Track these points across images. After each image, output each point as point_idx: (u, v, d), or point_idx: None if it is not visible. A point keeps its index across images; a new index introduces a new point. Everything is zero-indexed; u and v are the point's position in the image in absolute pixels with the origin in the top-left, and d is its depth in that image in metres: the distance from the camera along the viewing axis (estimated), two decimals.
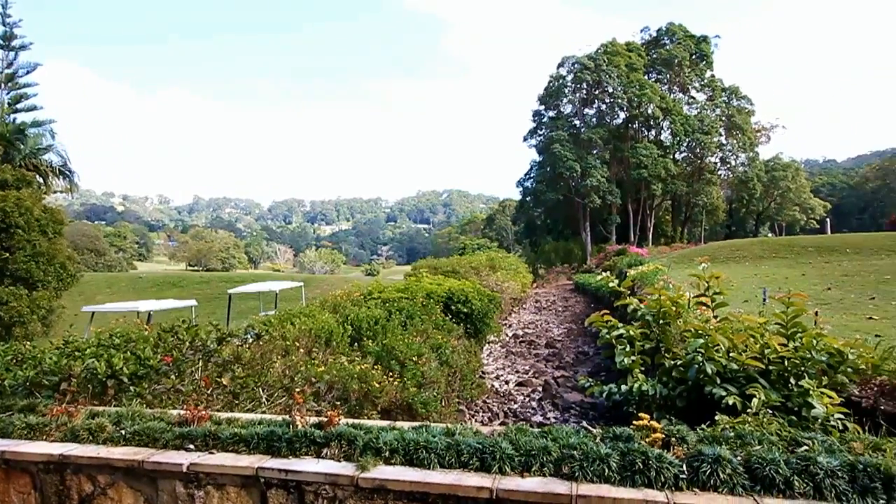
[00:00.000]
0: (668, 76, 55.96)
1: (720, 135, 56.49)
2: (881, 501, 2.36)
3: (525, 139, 56.70)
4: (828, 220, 62.29)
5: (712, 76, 57.65)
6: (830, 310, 9.73)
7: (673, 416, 4.20)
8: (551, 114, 55.22)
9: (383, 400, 6.09)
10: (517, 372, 11.81)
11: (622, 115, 53.99)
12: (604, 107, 53.67)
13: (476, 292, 12.35)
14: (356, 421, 3.49)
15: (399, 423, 3.41)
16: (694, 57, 56.44)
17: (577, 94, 53.62)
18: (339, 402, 5.34)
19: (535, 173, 55.69)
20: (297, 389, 4.79)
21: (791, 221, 71.08)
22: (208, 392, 4.58)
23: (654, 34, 58.02)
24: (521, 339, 15.87)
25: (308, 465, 2.99)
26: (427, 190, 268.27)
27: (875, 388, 4.91)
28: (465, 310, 11.34)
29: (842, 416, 3.92)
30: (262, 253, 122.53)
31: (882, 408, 4.55)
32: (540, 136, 54.86)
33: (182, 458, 3.17)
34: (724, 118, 56.31)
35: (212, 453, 3.22)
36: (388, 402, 6.22)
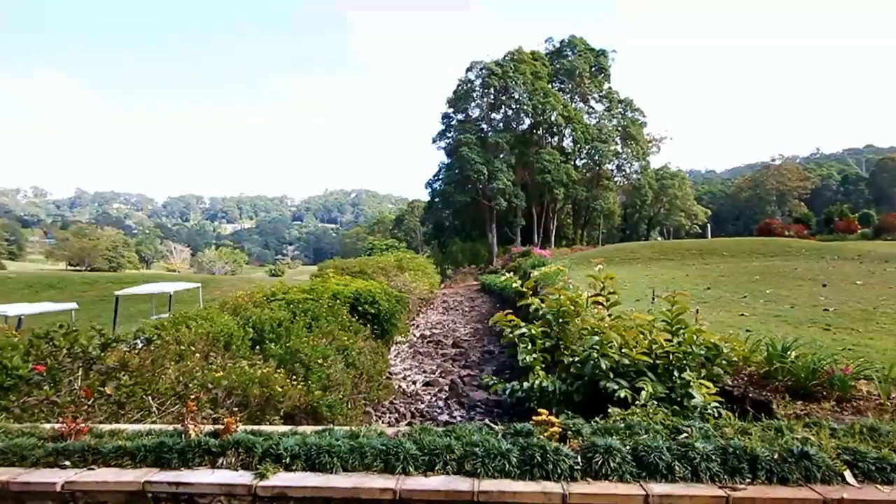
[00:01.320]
0: (570, 86, 58.69)
1: (616, 144, 60.11)
2: (747, 479, 2.61)
3: (434, 141, 57.26)
4: (708, 225, 68.07)
5: (610, 88, 61.21)
6: (709, 307, 10.61)
7: (571, 411, 4.40)
8: (460, 117, 56.16)
9: (286, 404, 5.90)
10: (424, 372, 11.88)
11: (527, 121, 55.92)
12: (510, 112, 55.32)
13: (384, 293, 12.30)
14: (256, 427, 3.36)
15: (301, 428, 3.32)
16: (593, 69, 59.67)
17: (485, 99, 54.90)
18: (238, 409, 5.11)
19: (444, 175, 56.37)
20: (192, 396, 4.53)
21: (678, 226, 76.96)
22: (89, 403, 4.21)
23: (558, 45, 60.71)
24: (428, 339, 15.97)
25: (202, 476, 2.83)
26: (335, 189, 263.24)
27: (745, 378, 5.43)
28: (373, 310, 11.25)
29: (717, 404, 4.29)
30: (156, 252, 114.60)
31: (750, 395, 5.04)
32: (449, 138, 55.61)
33: (56, 477, 2.89)
34: (620, 128, 59.98)
35: (91, 469, 2.97)
36: (292, 407, 6.04)
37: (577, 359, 4.96)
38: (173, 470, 2.90)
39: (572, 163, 56.99)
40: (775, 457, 2.68)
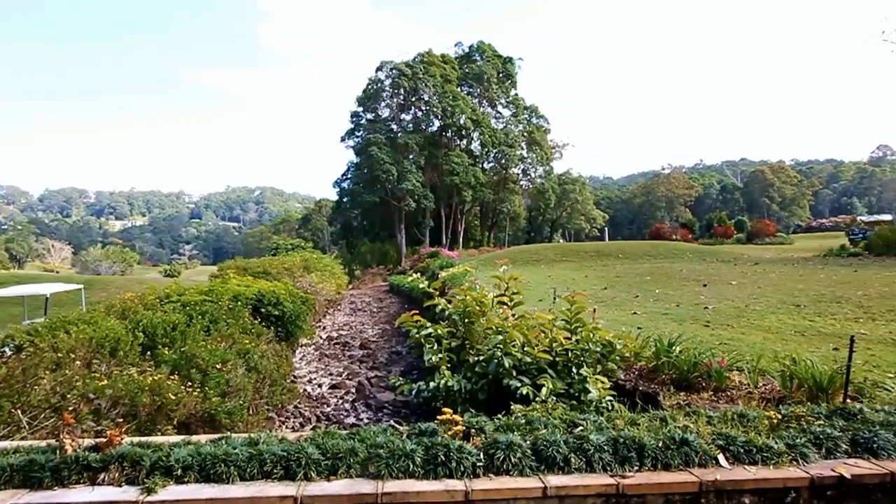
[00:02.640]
0: (478, 90, 59.93)
1: (522, 148, 62.14)
2: (635, 467, 2.79)
3: (343, 139, 56.36)
4: (606, 228, 72.20)
5: (516, 94, 63.18)
6: (606, 307, 11.23)
7: (476, 409, 4.49)
8: (369, 116, 55.68)
9: (181, 413, 5.56)
10: (331, 374, 11.65)
11: (437, 123, 56.45)
12: (420, 114, 55.61)
13: (288, 294, 11.91)
14: (144, 439, 3.13)
15: (196, 437, 3.14)
16: (501, 75, 61.34)
17: (395, 100, 54.82)
18: (125, 420, 4.74)
19: (353, 174, 55.66)
20: (70, 408, 4.15)
21: (578, 229, 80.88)
22: None
23: (467, 50, 61.82)
24: (335, 340, 15.69)
25: (79, 494, 2.60)
26: (238, 186, 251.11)
27: (636, 372, 5.80)
28: (277, 312, 10.88)
29: (611, 398, 4.55)
30: (30, 250, 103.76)
31: (640, 388, 5.39)
32: (358, 137, 54.97)
33: None
34: (525, 134, 62.07)
35: None
36: (187, 415, 5.69)
37: (481, 358, 5.06)
38: (45, 490, 2.64)
39: (480, 166, 58.27)
40: (660, 445, 2.88)
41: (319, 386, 10.66)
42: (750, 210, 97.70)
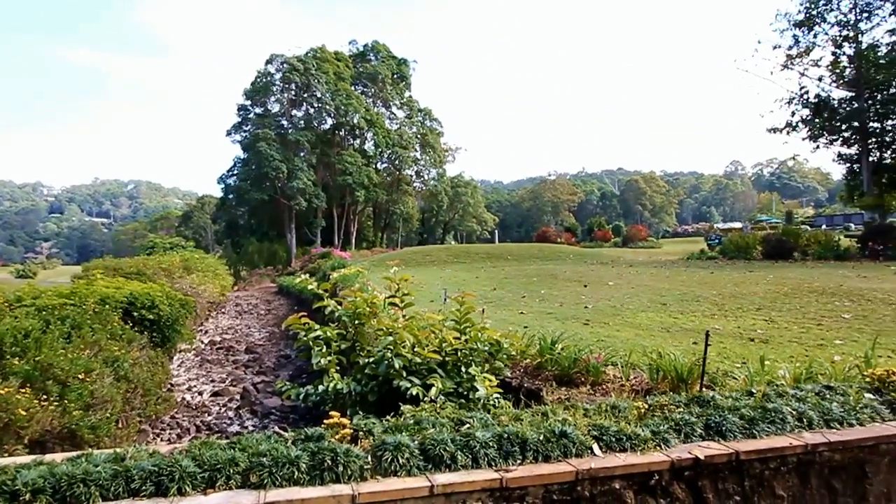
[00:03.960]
0: (372, 90, 59.56)
1: (416, 150, 62.61)
2: (518, 461, 2.91)
3: (229, 133, 53.54)
4: (496, 231, 74.59)
5: (410, 96, 63.54)
6: (495, 307, 11.59)
7: (366, 411, 4.45)
8: (258, 110, 53.39)
9: (33, 430, 4.99)
10: (213, 381, 11.04)
11: (330, 121, 55.34)
12: (312, 110, 54.21)
13: (165, 296, 11.09)
14: None
15: (51, 456, 2.82)
16: (395, 76, 61.38)
17: (286, 95, 53.00)
18: None
19: (240, 170, 53.01)
20: None
21: (470, 231, 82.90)
22: None
23: (361, 49, 61.20)
24: (218, 345, 14.87)
25: None
26: (108, 178, 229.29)
27: (522, 370, 6.05)
28: (152, 316, 10.09)
29: (498, 395, 4.70)
30: None
31: (525, 385, 5.63)
32: (246, 132, 52.49)
33: None
34: (419, 136, 62.59)
35: None
36: (41, 432, 5.12)
37: (372, 360, 5.03)
38: None
39: (374, 166, 57.92)
40: (541, 438, 3.02)
41: (200, 394, 10.05)
42: (626, 216, 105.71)
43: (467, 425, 3.19)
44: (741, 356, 6.33)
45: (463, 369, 4.93)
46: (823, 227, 51.41)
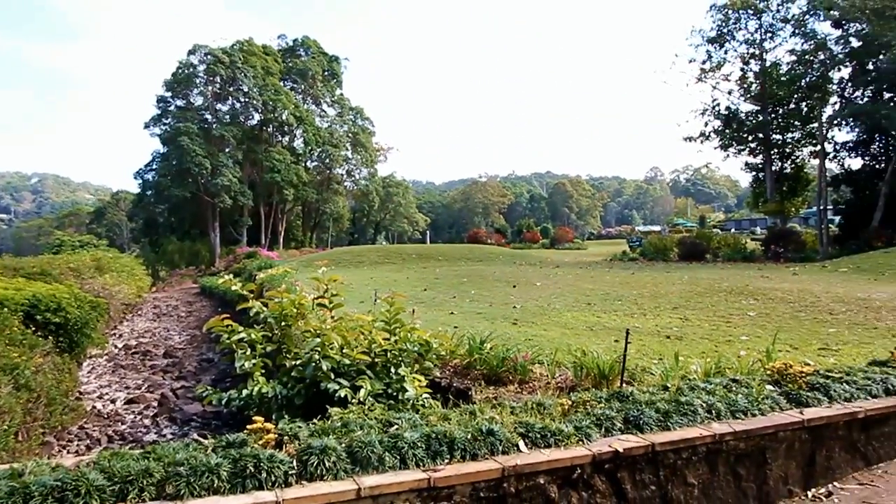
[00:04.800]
0: (302, 87, 58.21)
1: (347, 149, 61.76)
2: (446, 460, 2.93)
3: (147, 126, 50.66)
4: (428, 232, 74.89)
5: (342, 94, 62.63)
6: (425, 307, 11.62)
7: (293, 415, 4.34)
8: (180, 103, 50.87)
9: None
10: (127, 388, 10.43)
11: (257, 116, 53.62)
12: (238, 105, 52.30)
13: (73, 298, 10.36)
14: None
15: None
16: (326, 73, 60.31)
17: (210, 88, 50.83)
18: None
19: (159, 165, 50.30)
20: None
21: (401, 231, 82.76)
22: None
23: (291, 44, 59.70)
24: (134, 349, 14.06)
25: None
26: (8, 171, 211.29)
27: (451, 370, 6.09)
28: (58, 320, 9.38)
29: (428, 395, 4.71)
30: None
31: (455, 384, 5.68)
32: (166, 125, 49.87)
33: None
34: (350, 135, 61.80)
35: None
36: None
37: (299, 362, 4.91)
38: None
39: (303, 164, 56.64)
40: (469, 437, 3.06)
41: (113, 402, 9.48)
42: (553, 218, 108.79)
43: (395, 426, 3.18)
44: (658, 353, 6.67)
45: (392, 370, 4.91)
46: (733, 230, 55.17)
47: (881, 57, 27.18)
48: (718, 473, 3.62)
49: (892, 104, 28.29)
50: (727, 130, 33.39)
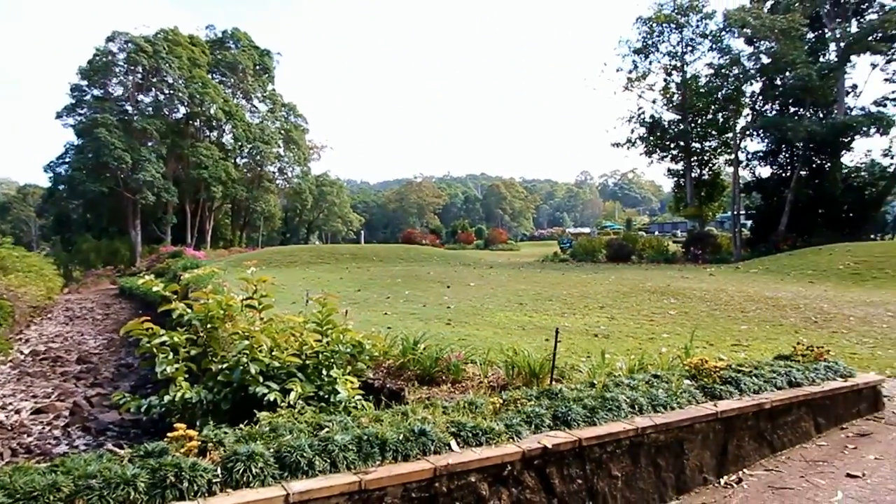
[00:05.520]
0: (232, 81, 56.23)
1: (279, 146, 60.20)
2: (378, 462, 2.91)
3: (60, 116, 47.40)
4: (362, 232, 74.16)
5: (274, 90, 60.98)
6: (359, 308, 11.50)
7: (220, 421, 4.17)
8: (97, 92, 47.89)
9: None
10: (34, 397, 9.70)
11: (183, 109, 51.31)
12: (162, 97, 49.85)
13: None
14: None
15: None
16: (258, 68, 58.52)
17: (131, 77, 48.15)
18: None
19: (73, 158, 47.08)
20: None
21: (335, 231, 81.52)
22: None
23: (220, 35, 57.51)
24: (42, 355, 13.09)
25: None
26: None
27: (384, 370, 6.06)
28: None
29: (360, 397, 4.66)
30: None
31: (388, 385, 5.65)
32: (81, 115, 46.84)
33: None
34: (283, 131, 60.27)
35: None
36: None
37: (225, 366, 4.74)
38: None
39: (233, 161, 54.74)
40: (401, 438, 3.05)
41: (17, 412, 8.79)
42: (488, 219, 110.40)
43: (326, 429, 3.12)
44: (586, 350, 6.91)
45: (324, 372, 4.82)
46: (656, 233, 57.89)
47: (787, 74, 29.31)
48: (640, 465, 3.78)
49: (796, 118, 30.58)
50: (651, 137, 35.01)
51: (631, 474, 3.72)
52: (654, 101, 35.27)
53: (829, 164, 31.68)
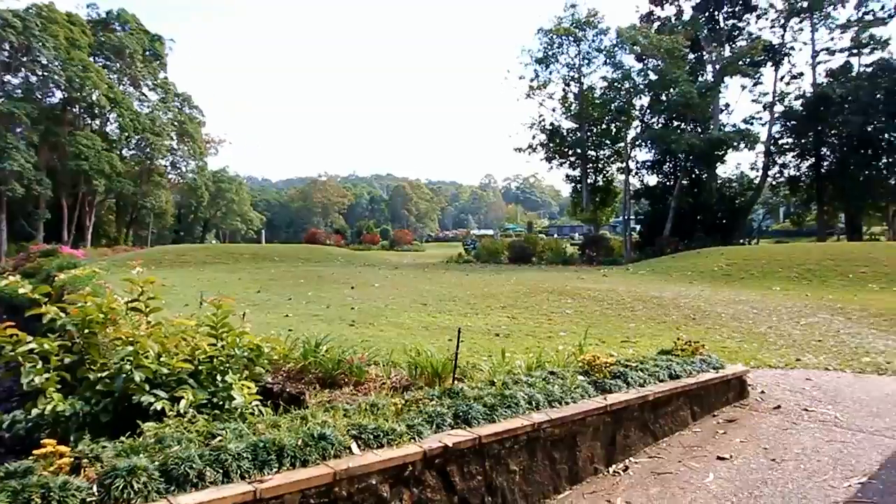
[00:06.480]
0: (118, 65, 52.11)
1: (172, 139, 56.60)
2: (275, 469, 2.80)
3: None
4: (263, 231, 71.36)
5: (166, 78, 57.25)
6: (259, 310, 11.06)
7: (99, 434, 3.84)
8: None
9: None
10: None
11: (59, 94, 46.85)
12: (35, 79, 45.21)
13: None
14: None
15: None
16: (148, 53, 54.68)
17: None
18: None
19: None
20: None
21: (234, 230, 77.85)
22: None
23: (104, 15, 53.11)
24: None
25: None
26: None
27: (284, 374, 5.86)
28: None
29: (258, 403, 4.47)
30: None
31: (288, 390, 5.48)
32: None
33: None
34: (176, 123, 56.70)
35: None
36: None
37: (106, 373, 4.37)
38: None
39: (118, 152, 50.73)
40: (299, 443, 2.96)
41: None
42: (393, 220, 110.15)
43: (219, 438, 2.97)
44: (488, 350, 7.08)
45: (219, 378, 4.58)
46: (555, 236, 60.54)
47: (672, 90, 31.79)
48: (537, 459, 3.93)
49: (679, 131, 33.25)
50: (551, 144, 36.61)
51: (528, 468, 3.86)
52: (553, 110, 36.91)
53: (706, 175, 34.78)
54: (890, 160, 34.39)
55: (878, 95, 33.04)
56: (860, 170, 33.85)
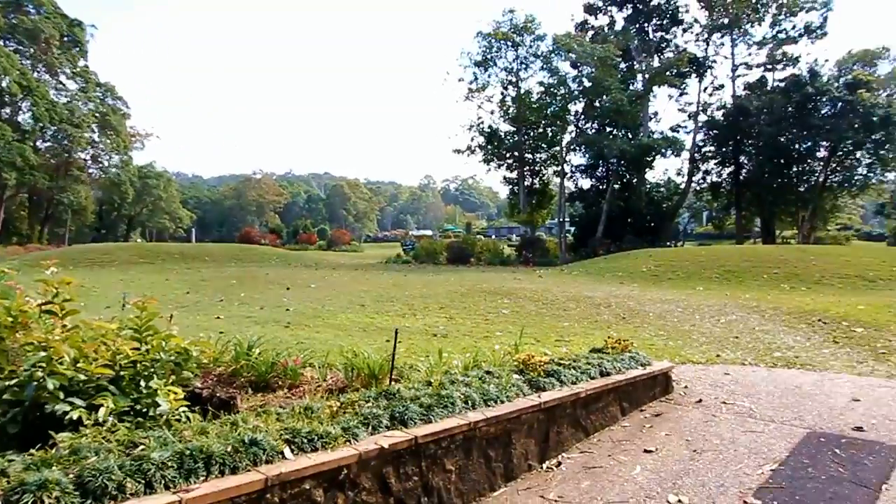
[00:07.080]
0: (31, 51, 48.65)
1: (93, 131, 53.44)
2: (202, 477, 2.69)
3: None
4: (193, 229, 68.54)
5: (86, 66, 53.97)
6: (188, 312, 10.62)
7: (6, 447, 3.57)
8: None
9: None
10: None
11: None
12: None
13: None
14: None
15: None
16: (66, 39, 51.34)
17: None
18: None
19: None
20: None
21: (162, 228, 74.37)
22: None
23: None
24: None
25: None
26: None
27: (214, 379, 5.64)
28: None
29: (186, 408, 4.29)
30: None
31: (218, 395, 5.27)
32: None
33: None
34: (97, 115, 53.55)
35: None
36: None
37: (14, 381, 4.07)
38: None
39: (31, 144, 47.32)
40: (229, 449, 2.86)
41: None
42: (331, 220, 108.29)
43: (142, 447, 2.82)
44: (425, 350, 7.09)
45: (143, 383, 4.35)
46: (493, 237, 61.38)
47: (604, 97, 32.97)
48: (473, 457, 3.97)
49: (611, 136, 34.52)
50: (489, 146, 37.13)
51: (464, 467, 3.89)
52: (492, 112, 37.52)
53: (636, 180, 36.29)
54: (799, 169, 37.09)
55: (790, 109, 35.54)
56: (774, 177, 36.29)
